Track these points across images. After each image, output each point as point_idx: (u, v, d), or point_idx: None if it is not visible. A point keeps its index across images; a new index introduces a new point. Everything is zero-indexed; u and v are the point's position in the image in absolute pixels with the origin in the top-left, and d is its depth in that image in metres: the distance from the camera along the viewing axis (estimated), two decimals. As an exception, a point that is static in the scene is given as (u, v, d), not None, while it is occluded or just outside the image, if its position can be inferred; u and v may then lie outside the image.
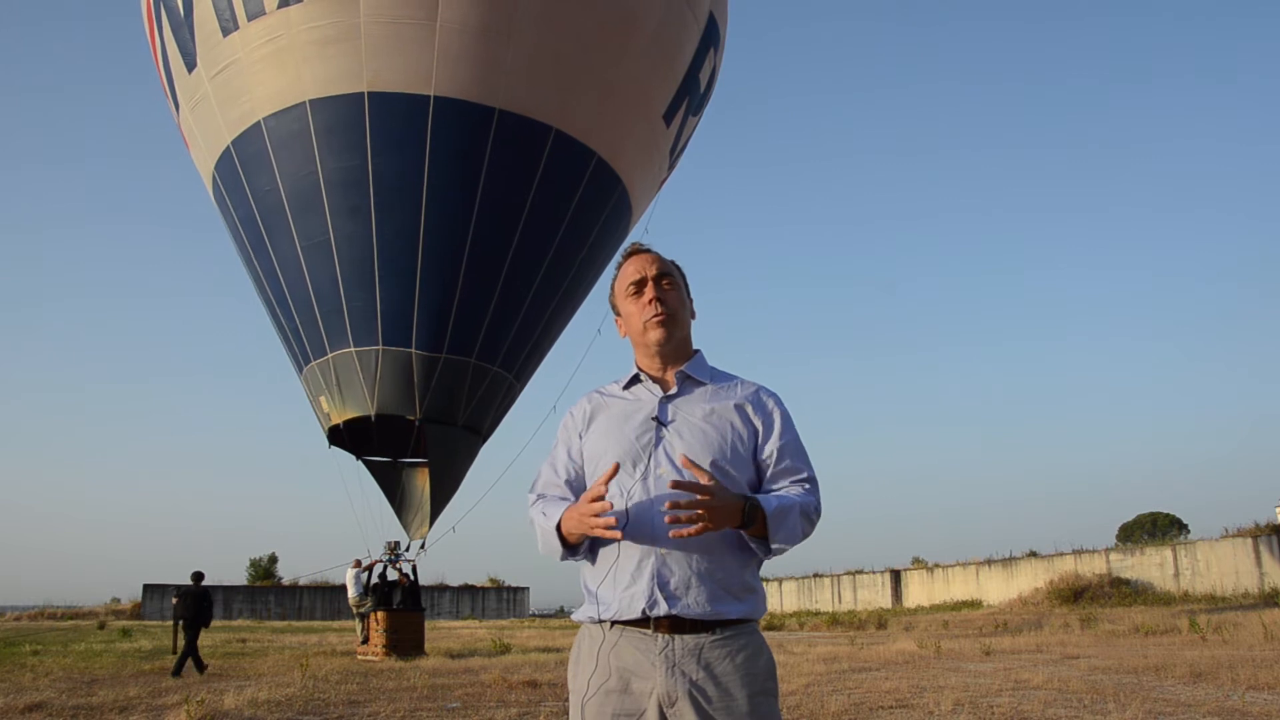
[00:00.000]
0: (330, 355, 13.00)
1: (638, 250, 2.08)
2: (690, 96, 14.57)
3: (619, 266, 2.10)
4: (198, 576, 13.84)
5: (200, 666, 12.32)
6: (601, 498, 1.75)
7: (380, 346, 12.72)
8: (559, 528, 1.85)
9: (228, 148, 13.07)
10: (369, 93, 12.10)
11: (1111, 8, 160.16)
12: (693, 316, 2.08)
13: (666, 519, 1.70)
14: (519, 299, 13.52)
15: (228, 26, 12.30)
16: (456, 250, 12.74)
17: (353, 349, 12.82)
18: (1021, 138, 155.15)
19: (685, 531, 1.67)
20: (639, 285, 2.01)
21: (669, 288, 2.01)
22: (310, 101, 12.25)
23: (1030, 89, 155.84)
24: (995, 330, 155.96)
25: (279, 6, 11.93)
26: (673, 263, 2.09)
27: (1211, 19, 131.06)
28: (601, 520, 1.73)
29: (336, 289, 12.74)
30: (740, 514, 1.73)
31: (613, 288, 2.11)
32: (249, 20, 12.11)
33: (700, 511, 1.67)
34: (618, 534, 1.73)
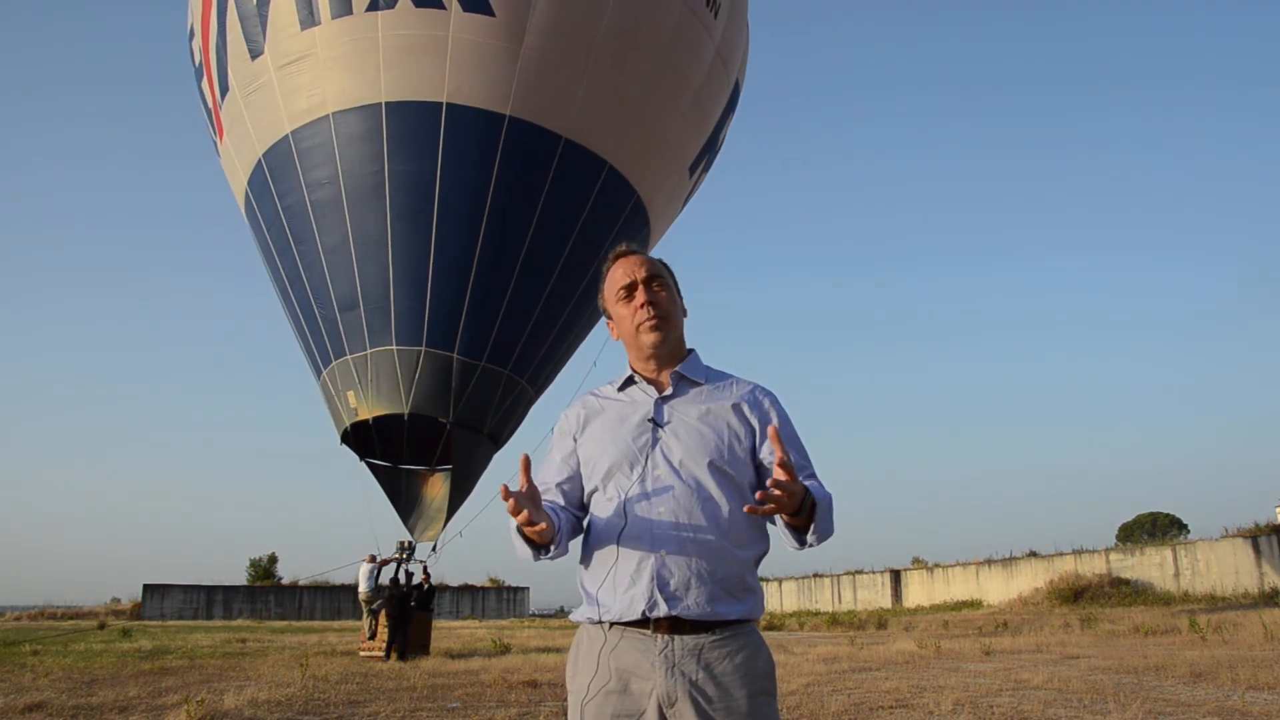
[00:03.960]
0: (369, 351, 13.12)
1: (624, 253, 2.06)
2: (709, 154, 15.28)
3: (606, 269, 2.06)
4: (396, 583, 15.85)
5: (387, 652, 14.28)
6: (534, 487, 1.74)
7: (424, 348, 12.87)
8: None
9: (285, 136, 13.14)
10: (448, 104, 12.41)
11: (1114, 6, 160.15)
12: (684, 315, 2.06)
13: (760, 504, 1.64)
14: (554, 318, 13.92)
15: (307, 22, 12.50)
16: (509, 265, 13.04)
17: (394, 347, 12.94)
18: (1022, 139, 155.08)
19: (762, 510, 1.64)
20: (629, 289, 1.99)
21: (659, 289, 1.99)
22: (386, 104, 12.50)
23: (1030, 90, 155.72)
24: (995, 330, 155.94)
25: (367, 9, 12.20)
26: (661, 262, 2.06)
27: (1211, 17, 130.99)
28: (520, 518, 1.70)
29: (386, 287, 12.89)
30: (800, 500, 1.71)
31: (602, 291, 2.08)
32: (333, 18, 12.34)
33: (780, 495, 1.63)
34: (524, 516, 1.70)
